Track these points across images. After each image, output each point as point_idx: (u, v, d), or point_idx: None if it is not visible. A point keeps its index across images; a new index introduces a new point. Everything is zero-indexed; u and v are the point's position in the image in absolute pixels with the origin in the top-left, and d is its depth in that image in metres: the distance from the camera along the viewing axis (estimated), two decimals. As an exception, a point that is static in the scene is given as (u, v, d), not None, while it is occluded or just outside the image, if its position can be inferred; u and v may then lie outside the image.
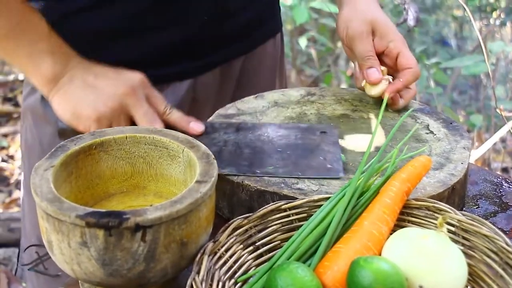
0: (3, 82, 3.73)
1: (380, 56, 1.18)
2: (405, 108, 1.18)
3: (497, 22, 3.66)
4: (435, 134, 1.10)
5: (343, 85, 3.64)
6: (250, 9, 1.26)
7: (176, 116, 1.04)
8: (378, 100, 1.19)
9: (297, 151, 1.04)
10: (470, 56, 2.95)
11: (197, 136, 1.03)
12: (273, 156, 1.03)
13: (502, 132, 2.29)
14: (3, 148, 3.42)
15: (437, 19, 4.38)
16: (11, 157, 3.33)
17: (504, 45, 2.99)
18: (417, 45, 3.77)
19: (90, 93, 1.00)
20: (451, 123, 1.13)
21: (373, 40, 1.16)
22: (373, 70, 1.15)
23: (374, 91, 1.16)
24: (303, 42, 3.47)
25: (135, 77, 1.02)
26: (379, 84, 1.15)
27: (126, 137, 0.89)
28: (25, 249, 1.17)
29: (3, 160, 3.31)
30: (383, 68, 1.16)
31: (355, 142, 1.09)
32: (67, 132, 1.03)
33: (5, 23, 0.98)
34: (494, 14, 3.63)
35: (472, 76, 3.67)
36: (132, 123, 1.01)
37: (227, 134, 1.07)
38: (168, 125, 1.03)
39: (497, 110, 2.35)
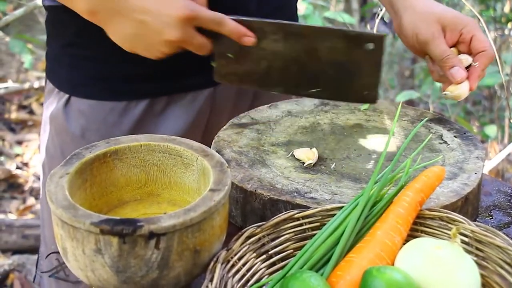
0: (18, 90, 3.77)
1: (456, 45, 1.16)
2: (418, 118, 1.18)
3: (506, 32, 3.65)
4: (449, 144, 1.10)
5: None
6: (275, 17, 1.26)
7: (227, 29, 1.04)
8: (395, 109, 1.19)
9: (340, 72, 1.07)
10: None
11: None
12: (319, 76, 1.07)
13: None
14: (17, 155, 3.45)
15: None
16: (26, 164, 3.36)
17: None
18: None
19: (140, 38, 1.01)
20: (464, 133, 1.12)
21: (445, 36, 1.14)
22: (456, 69, 1.11)
23: (459, 90, 1.11)
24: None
25: (176, 18, 0.99)
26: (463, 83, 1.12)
27: (141, 145, 0.90)
28: (46, 256, 1.18)
29: (17, 167, 3.33)
30: (452, 49, 1.14)
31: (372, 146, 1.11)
32: None
33: None
34: (509, 25, 3.61)
35: (486, 87, 3.66)
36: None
37: (276, 43, 1.06)
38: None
39: (511, 121, 2.34)
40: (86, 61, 1.16)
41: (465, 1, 2.32)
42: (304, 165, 1.04)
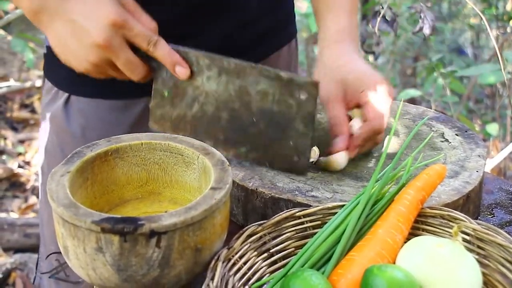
0: (20, 89, 3.77)
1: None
2: (419, 116, 1.18)
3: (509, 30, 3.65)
4: (450, 142, 1.10)
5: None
6: (268, 17, 1.26)
7: (160, 53, 0.99)
8: (396, 108, 1.19)
9: (269, 128, 1.01)
10: (486, 65, 2.94)
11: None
12: (248, 130, 1.02)
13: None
14: (19, 154, 3.45)
15: (454, 28, 4.37)
16: (28, 163, 3.36)
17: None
18: (433, 53, 3.77)
19: (68, 44, 0.98)
20: (466, 131, 1.12)
21: (348, 97, 1.09)
22: (337, 141, 1.05)
23: (335, 162, 1.05)
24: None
25: (106, 19, 0.96)
26: (340, 154, 1.05)
27: (142, 143, 0.90)
28: (46, 257, 1.17)
29: (19, 166, 3.33)
30: (355, 110, 1.09)
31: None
32: None
33: None
34: (511, 23, 3.61)
35: (489, 85, 3.66)
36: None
37: (209, 81, 1.02)
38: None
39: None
40: None
41: (468, 1, 2.31)
42: None
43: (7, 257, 2.66)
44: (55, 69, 1.21)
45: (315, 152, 1.05)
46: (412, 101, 3.62)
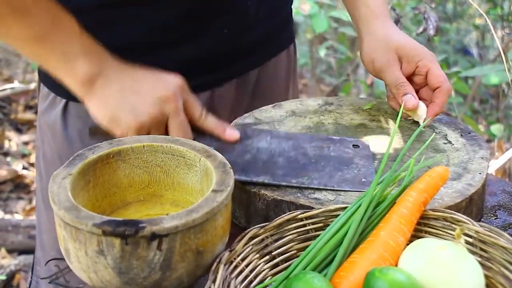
0: (25, 91, 3.78)
1: (412, 77, 1.16)
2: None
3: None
4: (453, 144, 1.09)
5: (362, 94, 3.63)
6: (267, 22, 1.26)
7: (211, 122, 1.03)
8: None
9: (331, 163, 1.03)
10: (491, 66, 2.93)
11: (231, 143, 1.03)
12: (308, 167, 1.02)
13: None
14: (24, 155, 3.45)
15: (459, 28, 4.36)
16: (32, 164, 3.37)
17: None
18: (437, 54, 3.76)
19: (129, 98, 0.98)
20: (469, 133, 1.12)
21: (401, 65, 1.15)
22: (408, 97, 1.12)
23: (417, 117, 1.14)
24: (322, 51, 3.47)
25: (175, 81, 1.00)
26: (420, 108, 1.14)
27: (144, 146, 0.90)
28: (46, 263, 1.17)
29: (24, 168, 3.34)
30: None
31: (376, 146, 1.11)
32: (98, 131, 1.02)
33: (36, 23, 0.95)
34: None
35: (494, 86, 3.65)
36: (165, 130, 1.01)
37: (260, 142, 1.06)
38: (203, 131, 1.03)
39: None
40: None
41: (472, 2, 2.30)
42: None
43: (11, 258, 2.66)
44: (53, 76, 1.19)
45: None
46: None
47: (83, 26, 0.99)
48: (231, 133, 1.04)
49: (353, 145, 1.07)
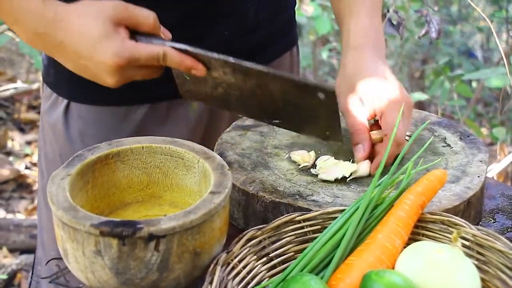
0: (28, 91, 3.79)
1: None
2: (421, 121, 1.18)
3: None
4: (452, 147, 1.09)
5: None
6: (268, 25, 1.26)
7: (172, 64, 0.98)
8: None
9: (298, 111, 1.01)
10: (493, 69, 2.93)
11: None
12: (278, 111, 1.02)
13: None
14: (26, 155, 3.46)
15: (463, 31, 4.36)
16: (34, 164, 3.37)
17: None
18: (441, 56, 3.75)
19: (86, 71, 0.98)
20: (468, 136, 1.12)
21: (365, 106, 1.08)
22: (358, 148, 1.06)
23: (360, 171, 1.04)
24: (324, 53, 3.47)
25: (110, 67, 0.95)
26: (363, 163, 1.06)
27: (143, 147, 0.90)
28: (46, 263, 1.18)
29: (26, 167, 3.34)
30: (375, 132, 1.07)
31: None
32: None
33: None
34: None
35: (498, 89, 3.65)
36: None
37: (226, 75, 1.00)
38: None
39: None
40: None
41: (475, 6, 2.30)
42: (299, 167, 1.04)
43: (13, 258, 2.67)
44: (55, 76, 1.20)
45: (310, 157, 1.06)
46: (420, 104, 3.61)
47: None
48: (196, 72, 0.99)
49: (319, 93, 0.97)
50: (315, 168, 1.04)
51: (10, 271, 2.54)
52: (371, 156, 1.06)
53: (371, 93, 1.07)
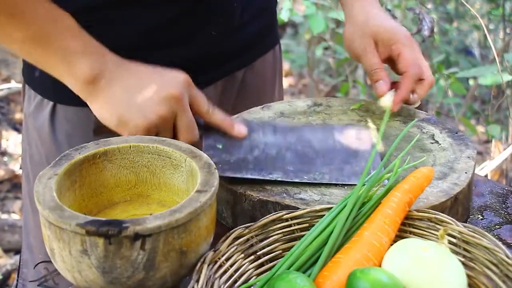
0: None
1: (390, 61, 1.19)
2: (410, 118, 1.18)
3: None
4: (440, 144, 1.10)
5: (361, 95, 3.63)
6: (253, 24, 1.27)
7: (219, 117, 1.03)
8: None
9: (339, 155, 1.05)
10: (488, 66, 2.93)
11: (238, 139, 1.05)
12: (316, 160, 1.03)
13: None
14: (20, 156, 3.46)
15: (460, 29, 4.36)
16: (30, 164, 3.37)
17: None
18: (438, 54, 3.75)
19: (136, 98, 0.95)
20: (456, 133, 1.12)
21: (378, 50, 1.17)
22: (380, 83, 1.16)
23: (383, 103, 1.17)
24: (318, 51, 3.47)
25: (181, 77, 0.98)
26: (387, 95, 1.16)
27: (130, 146, 0.90)
28: (35, 266, 1.18)
29: (21, 168, 3.34)
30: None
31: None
32: (103, 131, 1.00)
33: (32, 23, 0.92)
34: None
35: (496, 86, 3.65)
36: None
37: (266, 136, 1.06)
38: (211, 126, 1.03)
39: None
40: None
41: (467, 5, 2.30)
42: None
43: (7, 258, 2.67)
44: (39, 78, 1.18)
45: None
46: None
47: None
48: (239, 128, 1.05)
49: (356, 136, 1.09)
50: None
51: (4, 272, 2.54)
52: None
53: (386, 34, 1.17)
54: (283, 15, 2.82)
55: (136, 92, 0.96)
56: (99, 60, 0.96)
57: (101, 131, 1.01)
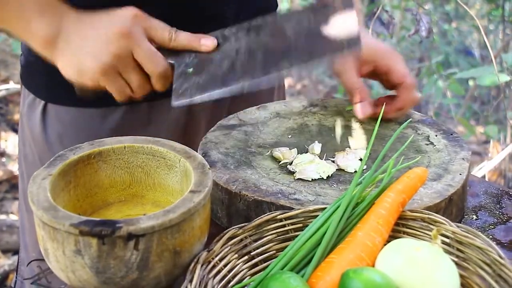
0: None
1: (374, 76, 1.18)
2: (405, 119, 1.18)
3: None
4: (435, 145, 1.10)
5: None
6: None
7: (183, 38, 1.00)
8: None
9: (311, 37, 1.00)
10: (486, 67, 2.93)
11: (209, 52, 1.01)
12: (287, 51, 1.00)
13: (514, 143, 2.28)
14: (19, 156, 3.45)
15: (460, 29, 4.36)
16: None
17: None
18: (437, 54, 3.76)
19: (88, 44, 0.96)
20: (451, 134, 1.13)
21: (361, 66, 1.16)
22: (363, 104, 1.15)
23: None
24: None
25: (129, 13, 0.97)
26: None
27: (125, 147, 0.90)
28: (27, 264, 1.18)
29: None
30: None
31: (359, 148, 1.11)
32: (84, 91, 1.01)
33: None
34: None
35: (495, 87, 3.66)
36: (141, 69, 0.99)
37: (238, 41, 1.02)
38: (179, 50, 1.01)
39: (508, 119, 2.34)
40: None
41: (464, 5, 2.31)
42: (280, 163, 1.05)
43: (5, 258, 2.67)
44: (33, 77, 1.19)
45: (290, 153, 1.08)
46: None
47: None
48: (206, 42, 1.01)
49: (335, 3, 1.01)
50: (291, 165, 1.05)
51: (2, 272, 2.54)
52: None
53: (368, 50, 1.13)
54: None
55: (88, 39, 0.97)
56: (55, 20, 0.97)
57: (83, 91, 1.02)
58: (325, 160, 1.07)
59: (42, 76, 1.01)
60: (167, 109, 1.13)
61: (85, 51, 0.97)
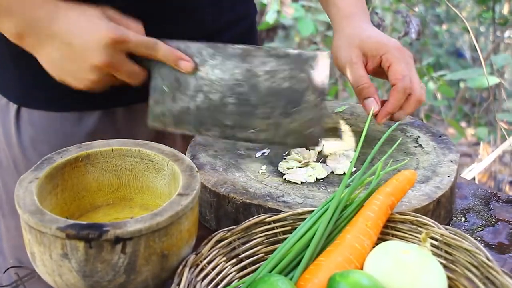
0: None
1: (380, 73, 1.14)
2: (394, 121, 1.18)
3: (506, 35, 3.65)
4: (424, 148, 1.10)
5: (351, 99, 3.64)
6: (229, 31, 1.23)
7: (161, 53, 1.01)
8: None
9: (281, 102, 1.01)
10: (476, 69, 2.94)
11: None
12: (256, 111, 1.01)
13: (504, 145, 2.28)
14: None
15: (452, 31, 4.37)
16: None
17: (510, 58, 2.98)
18: (428, 56, 3.77)
19: (66, 66, 0.98)
20: (440, 137, 1.13)
21: (367, 62, 1.12)
22: (370, 101, 1.09)
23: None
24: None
25: (102, 40, 0.95)
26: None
27: (112, 150, 0.90)
28: (5, 271, 1.16)
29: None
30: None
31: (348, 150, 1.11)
32: None
33: None
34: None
35: (486, 89, 3.67)
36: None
37: (213, 70, 1.02)
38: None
39: (501, 123, 2.34)
40: (35, 71, 1.04)
41: (453, 8, 2.31)
42: (256, 155, 1.08)
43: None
44: (5, 79, 1.16)
45: (310, 155, 1.09)
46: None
47: None
48: (185, 66, 1.02)
49: (311, 65, 1.00)
50: (281, 167, 1.05)
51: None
52: None
53: (374, 45, 1.11)
54: (269, 17, 2.82)
55: (65, 60, 0.97)
56: (21, 20, 0.97)
57: None
58: (320, 163, 1.07)
59: (15, 79, 0.99)
60: (143, 113, 1.11)
61: (65, 71, 0.98)
